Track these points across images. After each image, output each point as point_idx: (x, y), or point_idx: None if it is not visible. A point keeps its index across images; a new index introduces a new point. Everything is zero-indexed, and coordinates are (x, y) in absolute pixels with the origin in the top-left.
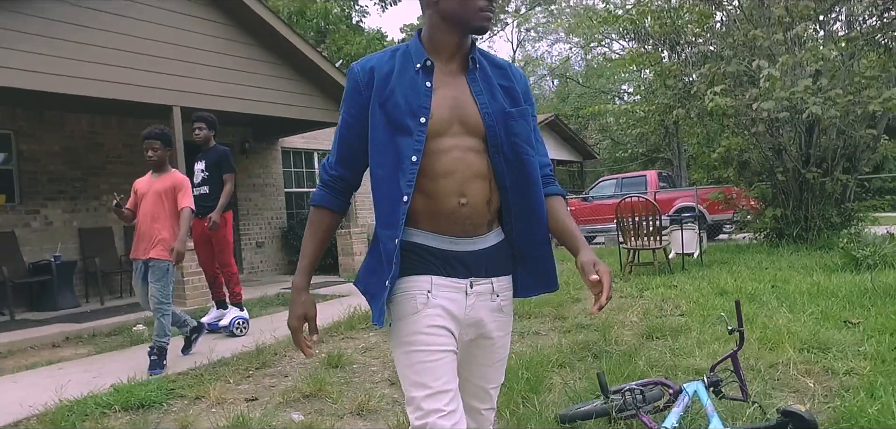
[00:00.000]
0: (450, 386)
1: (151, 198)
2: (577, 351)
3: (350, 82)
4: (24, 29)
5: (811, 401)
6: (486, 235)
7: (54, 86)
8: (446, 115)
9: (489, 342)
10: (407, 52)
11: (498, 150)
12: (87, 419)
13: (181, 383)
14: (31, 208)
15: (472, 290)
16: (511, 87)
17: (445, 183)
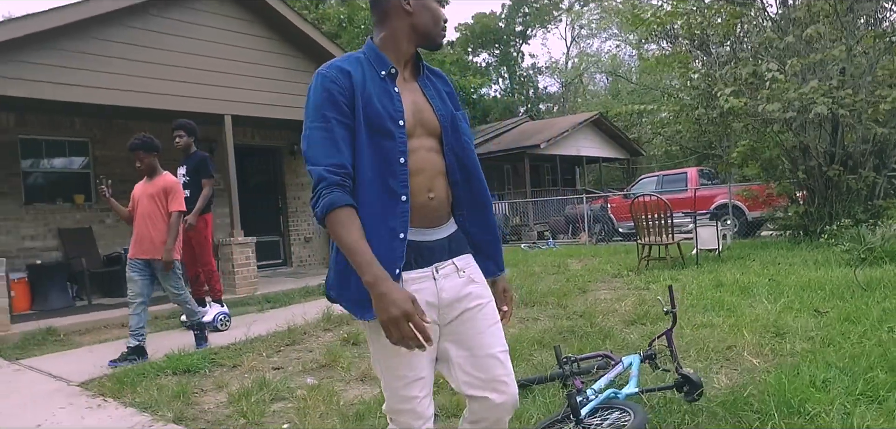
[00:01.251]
0: (424, 373)
1: (145, 201)
2: (563, 334)
3: (329, 83)
4: (100, 53)
5: (739, 373)
6: (447, 224)
7: (125, 100)
8: (411, 119)
9: (475, 310)
10: (368, 60)
11: (450, 148)
12: (144, 379)
13: (222, 355)
14: (104, 207)
15: (439, 273)
16: (451, 92)
17: (417, 180)
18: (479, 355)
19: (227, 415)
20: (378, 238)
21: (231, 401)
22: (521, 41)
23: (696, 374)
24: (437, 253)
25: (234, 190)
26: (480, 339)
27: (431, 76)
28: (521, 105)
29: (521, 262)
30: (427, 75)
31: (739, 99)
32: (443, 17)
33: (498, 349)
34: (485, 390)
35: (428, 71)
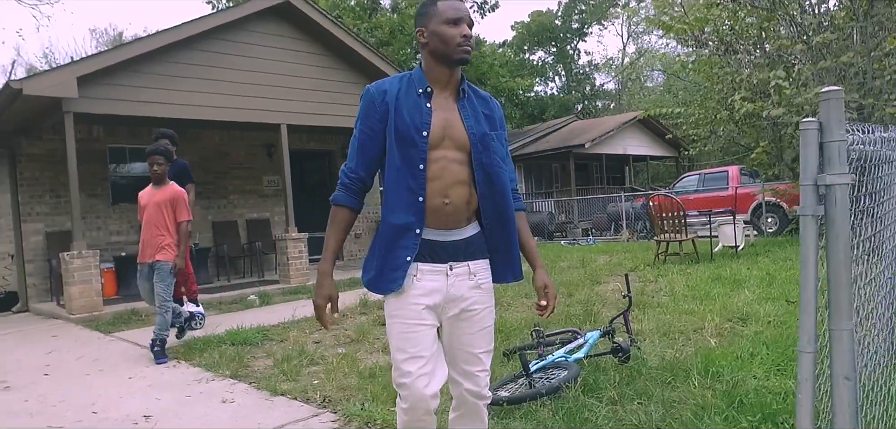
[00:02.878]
0: (425, 352)
1: (152, 208)
2: (560, 317)
3: (366, 100)
4: (174, 74)
5: (690, 348)
6: (464, 229)
7: (195, 114)
8: (439, 132)
9: (471, 314)
10: (411, 79)
11: (478, 162)
12: (208, 348)
13: (272, 332)
14: None
15: (452, 272)
16: (491, 115)
17: (433, 185)
18: (467, 349)
19: (271, 374)
20: (401, 226)
21: (276, 364)
22: (578, 38)
23: (626, 343)
24: (451, 253)
25: (289, 190)
26: (469, 339)
27: (474, 99)
28: (577, 102)
29: (554, 257)
30: (469, 97)
31: (755, 103)
32: (456, 37)
33: (479, 350)
34: (464, 378)
35: (472, 93)
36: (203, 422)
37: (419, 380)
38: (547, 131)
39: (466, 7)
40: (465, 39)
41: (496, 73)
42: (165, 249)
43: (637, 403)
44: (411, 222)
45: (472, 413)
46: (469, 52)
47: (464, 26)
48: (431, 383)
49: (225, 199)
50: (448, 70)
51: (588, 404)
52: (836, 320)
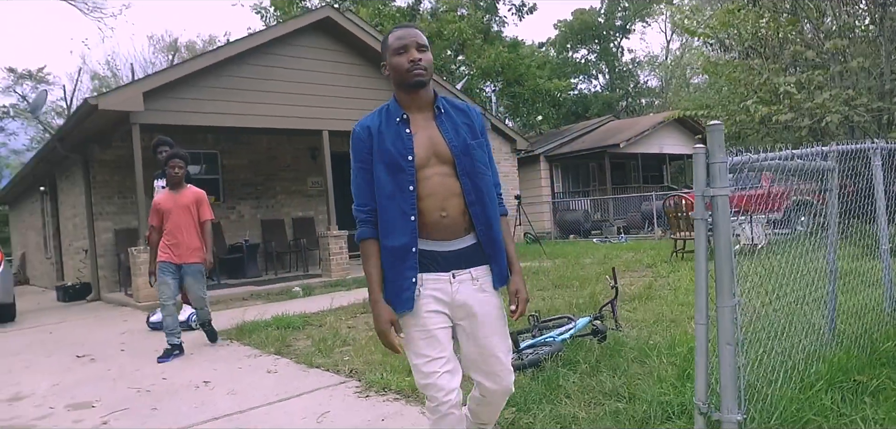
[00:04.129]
0: (443, 353)
1: (179, 211)
2: (566, 305)
3: (355, 139)
4: (227, 86)
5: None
6: (464, 238)
7: (245, 122)
8: (424, 152)
9: (479, 318)
10: (389, 110)
11: (463, 172)
12: (256, 330)
13: (312, 318)
14: (230, 205)
15: (455, 279)
16: (471, 124)
17: (430, 201)
18: (485, 351)
19: (309, 351)
20: (400, 247)
21: (313, 344)
22: (621, 36)
23: (603, 326)
24: (452, 261)
25: (331, 191)
26: (488, 340)
27: (452, 112)
28: (620, 100)
29: (580, 253)
30: (446, 112)
31: (769, 107)
32: (404, 65)
33: (498, 351)
34: (486, 378)
35: (449, 107)
36: (251, 387)
37: (443, 378)
38: (583, 131)
39: (414, 32)
40: (413, 64)
41: (533, 74)
42: (197, 251)
43: (605, 375)
44: (407, 243)
45: (497, 404)
46: (421, 74)
47: (412, 52)
48: (454, 379)
49: (273, 199)
50: (412, 95)
51: (564, 373)
52: (721, 299)
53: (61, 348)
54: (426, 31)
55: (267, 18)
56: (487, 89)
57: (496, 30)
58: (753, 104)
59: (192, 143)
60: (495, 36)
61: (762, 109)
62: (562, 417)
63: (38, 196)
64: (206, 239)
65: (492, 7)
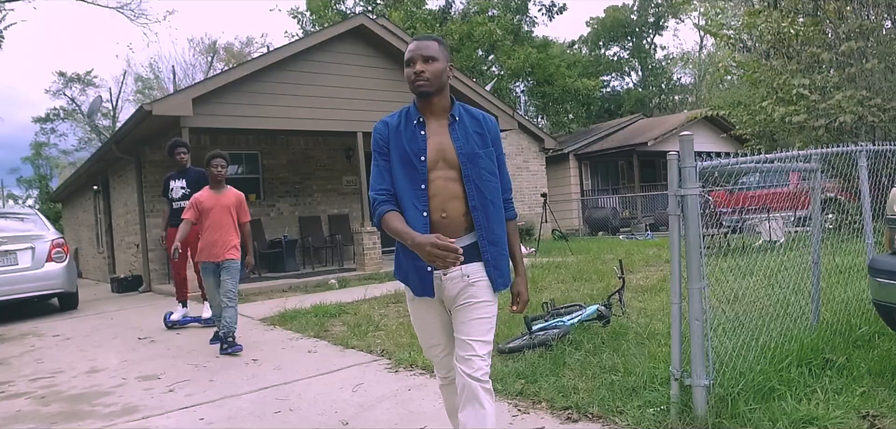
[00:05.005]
0: (438, 341)
1: (219, 210)
2: (583, 296)
3: (376, 135)
4: (267, 91)
5: None
6: (462, 238)
7: (284, 125)
8: (434, 155)
9: (465, 305)
10: (408, 112)
11: (468, 178)
12: (297, 317)
13: (347, 307)
14: (269, 203)
15: (445, 276)
16: (483, 134)
17: (433, 202)
18: (461, 337)
19: (345, 335)
20: None
21: (349, 328)
22: (654, 32)
23: (608, 311)
24: None
25: (364, 189)
26: (463, 327)
27: (467, 120)
28: (653, 97)
29: (604, 249)
30: (461, 120)
31: (787, 108)
32: (410, 76)
33: (473, 338)
34: (460, 362)
35: (465, 115)
36: (294, 363)
37: (445, 360)
38: (612, 130)
39: (421, 45)
40: (417, 75)
41: (563, 74)
42: (234, 248)
43: (606, 354)
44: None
45: (471, 396)
46: (423, 85)
47: (417, 64)
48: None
49: (310, 197)
50: (424, 102)
51: (569, 352)
52: (691, 282)
53: (124, 331)
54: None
55: (303, 22)
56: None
57: (526, 30)
58: (769, 105)
59: (235, 144)
60: (525, 36)
61: (779, 109)
62: (564, 387)
63: (92, 195)
64: (247, 240)
65: (522, 7)
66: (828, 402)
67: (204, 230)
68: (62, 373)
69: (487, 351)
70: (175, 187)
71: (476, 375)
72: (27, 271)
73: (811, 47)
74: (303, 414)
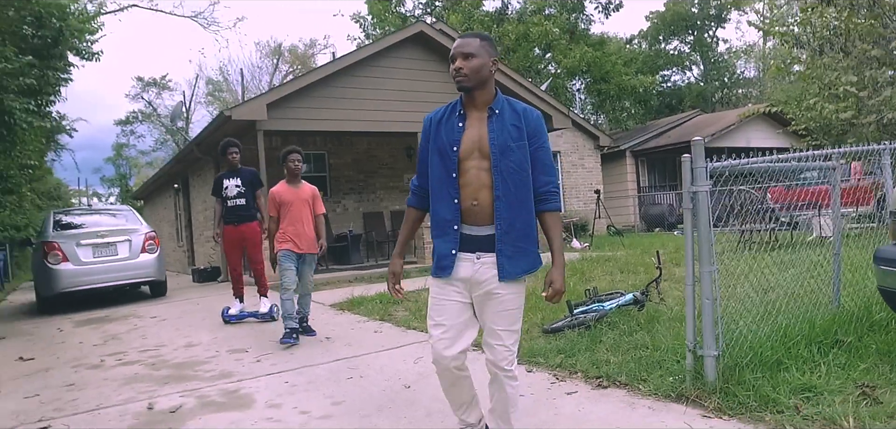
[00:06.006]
0: (447, 322)
1: (300, 204)
2: (624, 284)
3: (424, 125)
4: (334, 95)
5: None
6: (491, 226)
7: (350, 126)
8: (469, 145)
9: (494, 297)
10: (455, 105)
11: (496, 169)
12: (363, 304)
13: (409, 296)
14: (336, 200)
15: (479, 260)
16: (520, 126)
17: (466, 190)
18: (488, 326)
19: (407, 318)
20: (444, 223)
21: (410, 313)
22: (716, 25)
23: (642, 296)
24: (479, 244)
25: None
26: (492, 317)
27: (507, 113)
28: (715, 91)
29: (656, 244)
30: (501, 114)
31: (836, 105)
32: (452, 71)
33: (500, 328)
34: (488, 349)
35: (506, 108)
36: (362, 341)
37: (440, 342)
38: (668, 126)
39: (462, 43)
40: (457, 71)
41: (619, 71)
42: (314, 242)
43: (639, 334)
44: (450, 219)
45: (497, 382)
46: (461, 81)
47: (457, 61)
48: (451, 347)
49: (373, 194)
50: (466, 96)
51: (605, 331)
52: (702, 266)
53: (210, 314)
54: (513, 34)
55: (364, 26)
56: (574, 86)
57: (582, 28)
58: (818, 102)
59: (304, 145)
60: (582, 34)
61: (829, 106)
62: (597, 360)
63: (172, 193)
64: (321, 230)
65: (578, 6)
66: (829, 374)
67: (285, 223)
68: (164, 346)
69: (513, 341)
70: (229, 186)
71: (500, 363)
72: (125, 261)
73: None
74: (371, 379)
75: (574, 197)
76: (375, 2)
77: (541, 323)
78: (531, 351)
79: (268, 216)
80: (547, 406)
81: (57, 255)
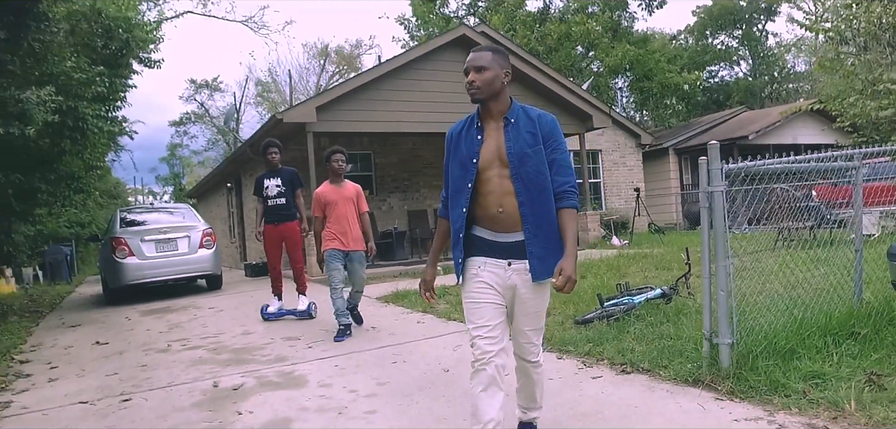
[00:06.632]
0: (489, 322)
1: (344, 203)
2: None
3: (447, 139)
4: (380, 98)
5: None
6: (519, 233)
7: (394, 127)
8: (488, 156)
9: (522, 301)
10: (473, 117)
11: (516, 175)
12: (406, 297)
13: (450, 289)
14: (381, 198)
15: (510, 267)
16: (535, 132)
17: (490, 198)
18: (518, 328)
19: (447, 310)
20: (455, 231)
21: (451, 306)
22: (766, 18)
23: (671, 290)
24: (508, 251)
25: None
26: (520, 320)
27: (522, 121)
28: (764, 87)
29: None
30: (516, 122)
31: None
32: (466, 84)
33: (528, 329)
34: (517, 348)
35: (521, 116)
36: (406, 331)
37: (485, 341)
38: (712, 124)
39: (474, 57)
40: (470, 84)
41: (662, 69)
42: (361, 239)
43: (665, 326)
44: (458, 229)
45: (524, 370)
46: (474, 93)
47: (470, 74)
48: (492, 345)
49: (417, 192)
50: (482, 107)
51: (632, 322)
52: (718, 260)
53: None
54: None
55: (409, 28)
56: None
57: (625, 26)
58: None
59: (351, 145)
60: (624, 32)
61: (870, 103)
62: (623, 348)
63: (225, 191)
64: (367, 229)
65: (622, 3)
66: (840, 363)
67: (330, 222)
68: (224, 334)
69: (539, 337)
70: (270, 185)
71: (527, 358)
72: (185, 256)
73: None
74: (413, 363)
75: (615, 195)
76: (419, 3)
77: (573, 315)
78: (563, 341)
79: (312, 216)
80: (573, 388)
81: (124, 250)
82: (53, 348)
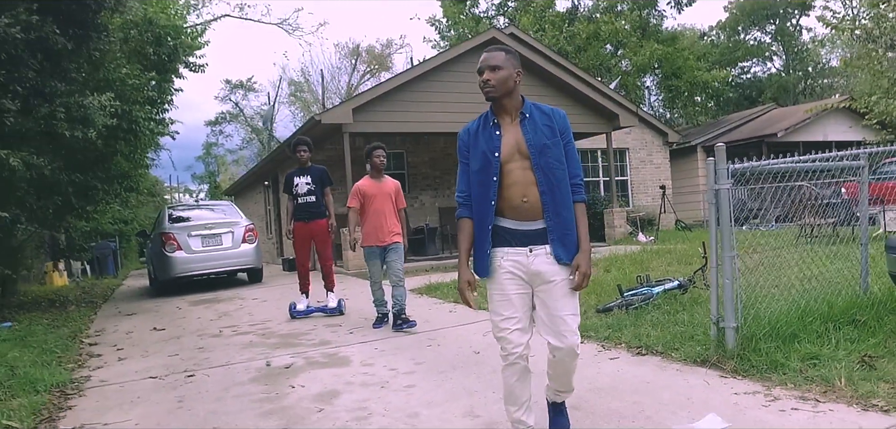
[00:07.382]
0: (515, 314)
1: (383, 198)
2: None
3: (459, 141)
4: (414, 99)
5: None
6: (541, 220)
7: (426, 127)
8: (509, 149)
9: (551, 284)
10: (487, 116)
11: (537, 166)
12: (439, 289)
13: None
14: (414, 195)
15: (531, 253)
16: (552, 126)
17: (514, 189)
18: (553, 314)
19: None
20: (481, 223)
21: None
22: (800, 13)
23: (688, 282)
24: (530, 238)
25: None
26: (554, 304)
27: (538, 116)
28: (798, 82)
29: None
30: (531, 118)
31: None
32: (480, 83)
33: (564, 313)
34: (554, 337)
35: (535, 112)
36: (439, 318)
37: (514, 334)
38: (741, 121)
39: (487, 57)
40: (484, 83)
41: (691, 67)
42: (398, 233)
43: (680, 314)
44: (487, 221)
45: (565, 365)
46: (489, 91)
47: (485, 74)
48: (523, 336)
49: (448, 189)
50: (496, 105)
51: (650, 311)
52: (724, 252)
53: None
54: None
55: (440, 28)
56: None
57: (654, 24)
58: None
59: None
60: (653, 30)
61: (893, 102)
62: (639, 334)
63: (262, 189)
64: (403, 223)
65: (651, 1)
66: (837, 346)
67: (368, 216)
68: (270, 321)
69: (577, 322)
70: (300, 183)
71: (575, 349)
72: (229, 250)
73: None
74: (446, 347)
75: (641, 192)
76: (450, 4)
77: (595, 305)
78: (584, 327)
79: (348, 206)
80: (592, 367)
81: (173, 244)
82: (116, 333)
